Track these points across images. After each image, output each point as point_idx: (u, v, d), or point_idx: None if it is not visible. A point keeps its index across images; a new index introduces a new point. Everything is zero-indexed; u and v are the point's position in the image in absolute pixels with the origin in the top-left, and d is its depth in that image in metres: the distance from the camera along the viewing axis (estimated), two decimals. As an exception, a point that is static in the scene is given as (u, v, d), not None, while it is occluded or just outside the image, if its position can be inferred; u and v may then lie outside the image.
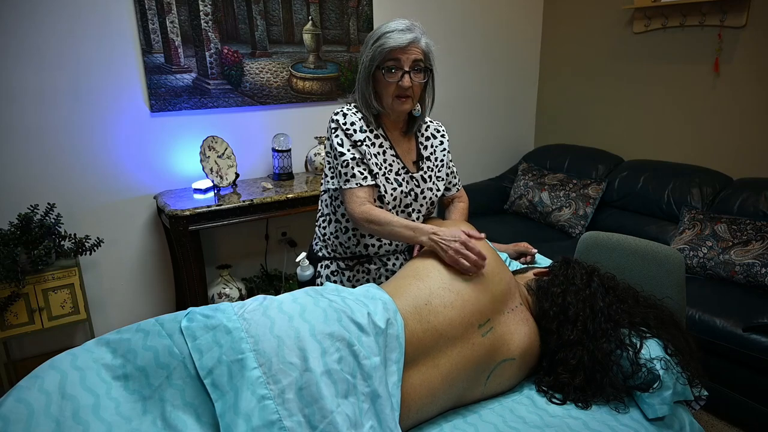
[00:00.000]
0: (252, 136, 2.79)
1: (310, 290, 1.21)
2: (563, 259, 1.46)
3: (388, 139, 1.55)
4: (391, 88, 1.45)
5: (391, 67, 1.43)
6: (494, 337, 1.25)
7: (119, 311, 2.63)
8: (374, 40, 1.44)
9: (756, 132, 2.66)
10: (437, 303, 1.22)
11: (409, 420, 1.14)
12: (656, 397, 1.20)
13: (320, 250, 1.66)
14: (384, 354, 1.10)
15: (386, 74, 1.43)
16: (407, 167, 1.57)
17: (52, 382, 0.95)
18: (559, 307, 1.31)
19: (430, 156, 1.63)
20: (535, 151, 3.59)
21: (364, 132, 1.50)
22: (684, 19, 2.83)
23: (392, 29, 1.42)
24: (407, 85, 1.44)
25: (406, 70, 1.43)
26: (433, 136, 1.66)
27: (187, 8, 2.46)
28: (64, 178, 2.36)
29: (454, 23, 3.32)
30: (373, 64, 1.44)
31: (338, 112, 1.52)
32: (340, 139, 1.49)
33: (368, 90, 1.47)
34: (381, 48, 1.41)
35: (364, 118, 1.51)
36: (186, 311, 1.09)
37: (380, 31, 1.44)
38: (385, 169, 1.52)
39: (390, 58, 1.42)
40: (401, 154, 1.57)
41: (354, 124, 1.49)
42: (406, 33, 1.41)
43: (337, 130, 1.50)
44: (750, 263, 2.18)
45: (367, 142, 1.49)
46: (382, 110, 1.51)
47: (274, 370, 0.98)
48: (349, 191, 1.47)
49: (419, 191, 1.58)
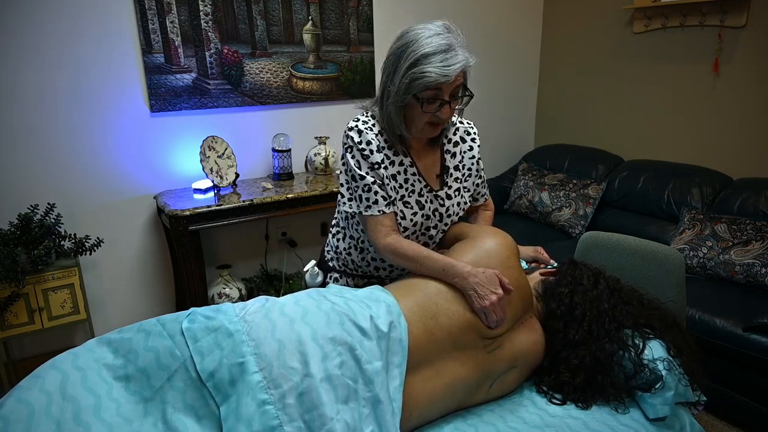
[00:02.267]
0: (252, 136, 2.79)
1: (312, 292, 1.20)
2: (570, 260, 1.46)
3: (409, 155, 1.38)
4: (425, 117, 1.27)
5: (429, 98, 1.23)
6: (500, 352, 1.24)
7: (119, 311, 2.63)
8: (411, 63, 1.20)
9: (756, 132, 2.66)
10: (444, 317, 1.20)
11: (409, 424, 1.14)
12: (658, 397, 1.20)
13: (331, 260, 1.57)
14: (386, 358, 1.09)
15: (424, 105, 1.24)
16: (430, 185, 1.41)
17: (53, 382, 0.95)
18: (567, 307, 1.31)
19: (458, 165, 1.45)
20: (535, 151, 3.59)
21: (382, 151, 1.34)
22: (684, 19, 2.83)
23: (433, 50, 1.19)
24: (446, 116, 1.27)
25: (446, 101, 1.24)
26: (462, 140, 1.46)
27: (187, 8, 2.45)
28: (64, 178, 2.36)
29: (455, 23, 3.31)
30: (409, 93, 1.23)
31: (353, 128, 1.34)
32: (357, 161, 1.33)
33: (398, 119, 1.29)
34: (422, 80, 1.20)
35: (382, 132, 1.35)
36: (188, 311, 1.09)
37: (417, 51, 1.20)
38: (405, 191, 1.38)
39: (431, 89, 1.22)
40: (423, 171, 1.40)
41: (370, 143, 1.32)
42: (451, 57, 1.19)
43: (353, 149, 1.34)
44: (750, 263, 2.18)
45: (385, 162, 1.34)
46: (406, 134, 1.33)
47: (274, 374, 0.98)
48: (372, 219, 1.33)
49: (444, 210, 1.43)
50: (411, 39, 1.23)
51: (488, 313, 1.20)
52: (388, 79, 1.28)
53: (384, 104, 1.30)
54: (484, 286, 1.21)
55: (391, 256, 1.33)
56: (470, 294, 1.22)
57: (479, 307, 1.21)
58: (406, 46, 1.23)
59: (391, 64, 1.27)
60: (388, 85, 1.28)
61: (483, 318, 1.21)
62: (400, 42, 1.25)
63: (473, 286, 1.21)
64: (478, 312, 1.21)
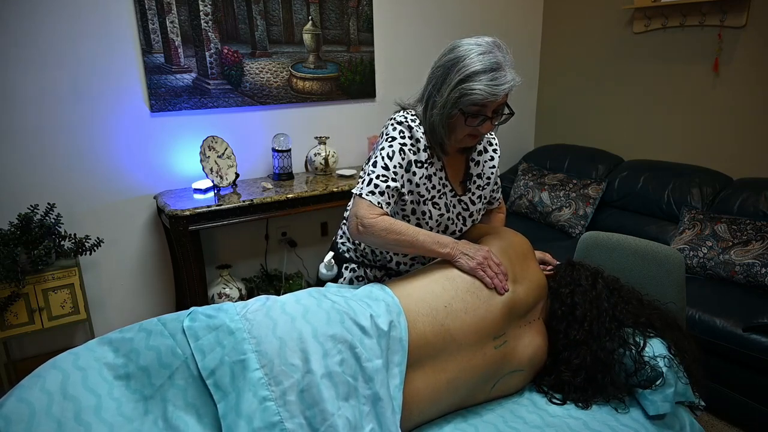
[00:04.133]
0: (252, 136, 2.79)
1: (313, 291, 1.20)
2: (568, 261, 1.47)
3: (441, 160, 1.42)
4: (467, 130, 1.31)
5: (474, 113, 1.27)
6: (507, 350, 1.24)
7: (119, 311, 2.63)
8: (461, 78, 1.23)
9: (756, 132, 2.66)
10: (458, 307, 1.20)
11: (410, 422, 1.14)
12: (659, 394, 1.20)
13: (347, 252, 1.56)
14: (386, 356, 1.10)
15: (468, 120, 1.28)
16: (455, 190, 1.46)
17: (53, 381, 0.96)
18: (568, 308, 1.32)
19: (481, 174, 1.50)
20: (535, 151, 3.59)
21: (426, 150, 1.37)
22: (684, 19, 2.83)
23: (483, 68, 1.22)
24: (486, 131, 1.32)
25: (489, 117, 1.28)
26: (485, 149, 1.51)
27: (187, 8, 2.45)
28: (64, 178, 2.36)
29: (454, 23, 3.31)
30: (456, 107, 1.26)
31: (403, 122, 1.36)
32: (392, 152, 1.34)
33: (442, 128, 1.32)
34: (470, 97, 1.23)
35: (426, 133, 1.37)
36: (188, 311, 1.09)
37: (469, 67, 1.23)
38: (436, 192, 1.41)
39: (477, 104, 1.25)
40: (451, 176, 1.45)
41: (420, 141, 1.35)
42: (500, 77, 1.22)
43: (394, 141, 1.35)
44: (750, 263, 2.18)
45: (427, 162, 1.38)
46: (447, 143, 1.37)
47: (275, 371, 0.98)
48: (366, 202, 1.33)
49: (467, 215, 1.49)
50: (462, 54, 1.25)
51: (485, 269, 1.26)
52: (435, 89, 1.31)
53: (428, 112, 1.34)
54: (469, 249, 1.30)
55: (384, 234, 1.31)
56: (460, 259, 1.29)
57: (473, 267, 1.27)
58: (457, 60, 1.25)
59: (440, 75, 1.29)
60: (435, 95, 1.31)
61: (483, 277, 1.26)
62: (451, 55, 1.27)
63: (461, 251, 1.30)
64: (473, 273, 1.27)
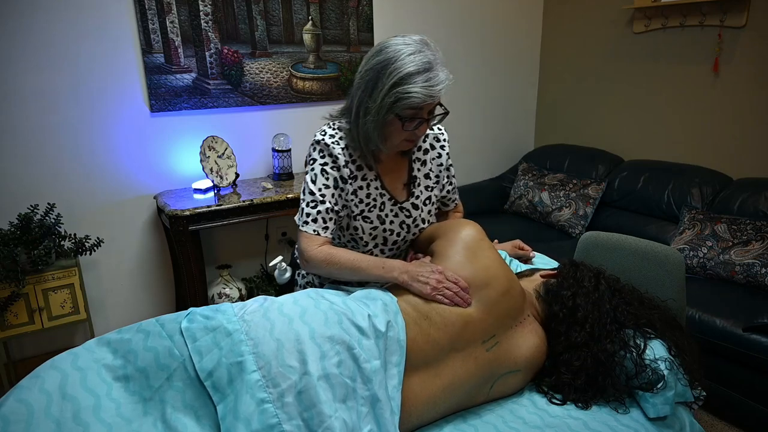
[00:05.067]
0: (252, 136, 2.79)
1: (311, 292, 1.20)
2: (570, 261, 1.46)
3: (373, 169, 1.38)
4: (404, 134, 1.29)
5: (410, 117, 1.25)
6: (499, 351, 1.23)
7: (119, 311, 2.63)
8: (394, 82, 1.20)
9: (756, 132, 2.66)
10: (438, 320, 1.19)
11: (409, 425, 1.14)
12: (659, 397, 1.20)
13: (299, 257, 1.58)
14: (384, 357, 1.09)
15: (405, 123, 1.25)
16: (395, 198, 1.41)
17: (52, 382, 0.95)
18: (569, 310, 1.30)
19: (428, 173, 1.46)
20: (535, 151, 3.58)
21: (347, 166, 1.34)
22: (684, 19, 2.83)
23: (416, 69, 1.19)
24: (422, 134, 1.30)
25: (425, 119, 1.27)
26: (431, 146, 1.47)
27: (187, 8, 2.45)
28: (64, 178, 2.36)
29: (454, 23, 3.31)
30: (392, 112, 1.23)
31: (320, 140, 1.34)
32: (315, 175, 1.34)
33: (376, 134, 1.28)
34: (407, 101, 1.20)
35: (347, 147, 1.35)
36: (187, 312, 1.09)
37: (401, 70, 1.19)
38: (365, 206, 1.38)
39: (413, 107, 1.23)
40: (389, 184, 1.41)
41: (337, 158, 1.33)
42: (434, 77, 1.20)
43: (314, 163, 1.34)
44: (750, 263, 2.18)
45: (348, 175, 1.34)
46: (383, 149, 1.33)
47: (273, 373, 0.98)
48: (306, 234, 1.33)
49: (411, 221, 1.44)
50: (392, 56, 1.21)
51: (442, 292, 1.19)
52: (366, 95, 1.26)
53: (360, 120, 1.28)
54: (420, 273, 1.22)
55: (324, 266, 1.30)
56: (413, 285, 1.22)
57: (428, 293, 1.20)
58: (387, 62, 1.21)
59: (371, 79, 1.24)
60: (367, 102, 1.25)
61: (442, 300, 1.20)
62: (379, 57, 1.23)
63: (412, 276, 1.23)
64: (431, 298, 1.20)
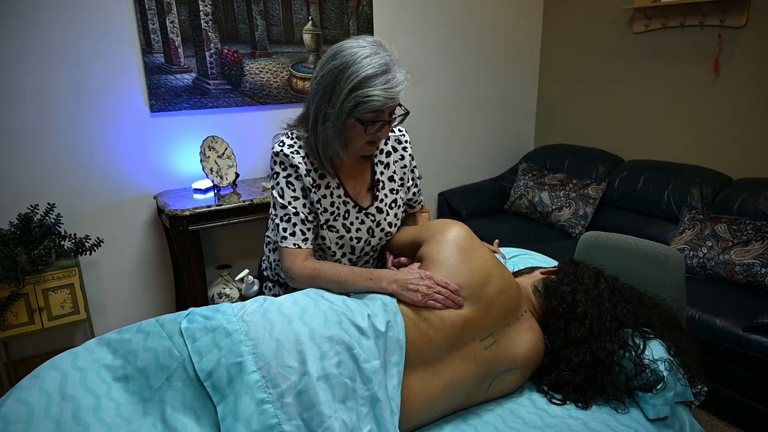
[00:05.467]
0: (252, 136, 2.79)
1: (311, 292, 1.20)
2: (571, 260, 1.47)
3: (336, 176, 1.36)
4: (365, 138, 1.26)
5: (371, 120, 1.23)
6: (498, 350, 1.23)
7: (119, 311, 2.63)
8: (353, 86, 1.18)
9: (756, 132, 2.66)
10: (435, 321, 1.19)
11: (409, 425, 1.14)
12: (659, 397, 1.20)
13: (266, 270, 1.57)
14: (384, 357, 1.09)
15: (367, 127, 1.24)
16: (359, 204, 1.39)
17: (52, 382, 0.95)
18: (569, 305, 1.31)
19: (392, 176, 1.44)
20: (535, 151, 3.59)
21: (309, 174, 1.32)
22: (684, 19, 2.83)
23: (374, 72, 1.18)
24: (384, 136, 1.29)
25: (386, 121, 1.25)
26: (393, 149, 1.45)
27: (187, 8, 2.45)
28: (64, 178, 2.36)
29: (454, 23, 3.31)
30: (352, 116, 1.21)
31: (279, 152, 1.31)
32: (281, 189, 1.32)
33: (338, 139, 1.26)
34: (368, 104, 1.19)
35: (308, 155, 1.33)
36: (186, 312, 1.09)
37: (359, 73, 1.18)
38: (330, 215, 1.36)
39: (374, 111, 1.22)
40: (351, 190, 1.39)
41: (298, 168, 1.31)
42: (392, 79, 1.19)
43: (278, 177, 1.32)
44: (750, 263, 2.18)
45: (310, 184, 1.33)
46: (343, 156, 1.31)
47: (272, 373, 0.98)
48: (287, 249, 1.32)
49: (375, 226, 1.42)
50: (348, 60, 1.19)
51: (433, 297, 1.18)
52: (324, 101, 1.23)
53: (319, 127, 1.26)
54: (409, 281, 1.20)
55: (310, 281, 1.29)
56: (404, 294, 1.20)
57: (419, 300, 1.18)
58: (344, 66, 1.19)
59: (327, 85, 1.22)
60: (325, 108, 1.23)
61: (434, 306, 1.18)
62: (335, 62, 1.21)
63: (402, 285, 1.20)
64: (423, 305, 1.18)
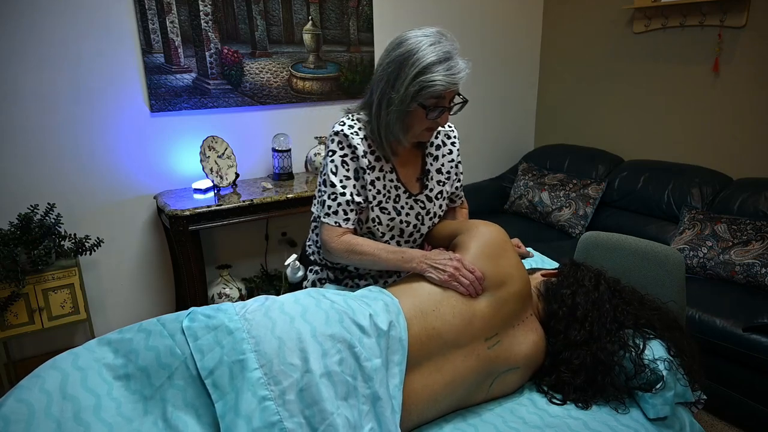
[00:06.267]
0: (252, 136, 2.79)
1: (312, 291, 1.20)
2: (571, 261, 1.47)
3: (390, 161, 1.41)
4: (426, 123, 1.31)
5: (433, 106, 1.28)
6: (500, 349, 1.24)
7: (119, 311, 2.63)
8: (417, 71, 1.23)
9: (756, 132, 2.66)
10: (446, 311, 1.20)
11: (410, 423, 1.14)
12: (659, 397, 1.20)
13: (312, 254, 1.58)
14: (386, 356, 1.10)
15: (428, 112, 1.28)
16: (409, 190, 1.44)
17: (53, 382, 0.95)
18: (569, 308, 1.31)
19: (440, 168, 1.49)
20: (535, 151, 3.59)
21: (366, 156, 1.36)
22: (684, 19, 2.83)
23: (437, 59, 1.23)
24: (444, 122, 1.33)
25: (447, 107, 1.30)
26: (443, 143, 1.51)
27: (187, 8, 2.45)
28: (64, 178, 2.36)
29: (455, 23, 3.31)
30: (416, 101, 1.26)
31: (339, 131, 1.35)
32: (335, 167, 1.36)
33: (400, 124, 1.31)
34: (431, 89, 1.23)
35: (366, 138, 1.37)
36: (188, 311, 1.09)
37: (423, 60, 1.23)
38: (382, 196, 1.40)
39: (436, 96, 1.26)
40: (403, 176, 1.44)
41: (356, 149, 1.35)
42: (454, 66, 1.24)
43: (334, 155, 1.36)
44: (750, 263, 2.18)
45: (366, 165, 1.36)
46: (404, 141, 1.36)
47: (275, 371, 0.98)
48: (327, 225, 1.38)
49: (425, 213, 1.47)
50: (413, 47, 1.25)
51: (458, 279, 1.22)
52: (388, 86, 1.28)
53: (382, 112, 1.31)
54: (438, 260, 1.26)
55: (346, 255, 1.36)
56: (430, 273, 1.25)
57: (445, 279, 1.23)
58: (409, 53, 1.24)
59: (393, 71, 1.27)
60: (389, 93, 1.28)
61: (457, 288, 1.23)
62: (401, 50, 1.26)
63: (430, 264, 1.26)
64: (447, 285, 1.23)
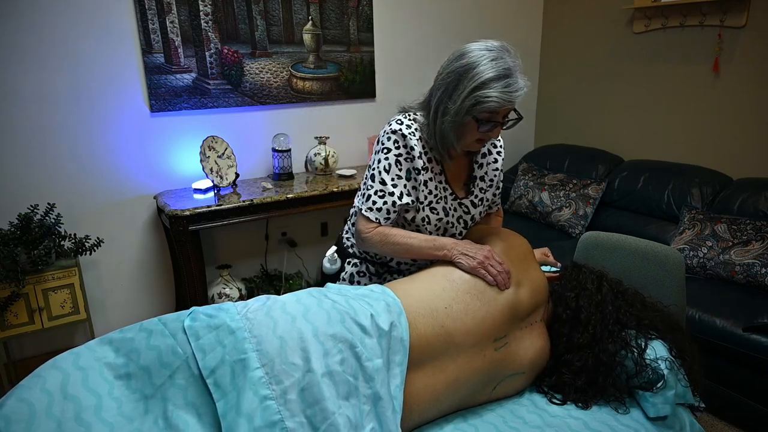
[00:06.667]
0: (252, 136, 2.79)
1: (313, 291, 1.20)
2: (573, 263, 1.47)
3: (440, 163, 1.43)
4: (477, 135, 1.32)
5: (486, 119, 1.28)
6: (507, 352, 1.24)
7: (119, 311, 2.63)
8: (475, 86, 1.23)
9: (756, 132, 2.66)
10: (459, 308, 1.20)
11: (411, 423, 1.14)
12: (659, 396, 1.20)
13: (351, 247, 1.58)
14: (387, 356, 1.10)
15: (480, 125, 1.29)
16: (455, 193, 1.47)
17: (54, 381, 0.95)
18: (573, 312, 1.32)
19: (484, 176, 1.52)
20: (535, 151, 3.59)
21: (421, 157, 1.38)
22: (684, 19, 2.83)
23: (496, 75, 1.22)
24: (495, 136, 1.35)
25: (499, 122, 1.30)
26: (489, 152, 1.54)
27: (187, 8, 2.45)
28: (64, 178, 2.36)
29: (454, 23, 3.31)
30: (470, 114, 1.27)
31: (397, 131, 1.36)
32: (389, 164, 1.37)
33: (453, 133, 1.32)
34: (486, 104, 1.24)
35: (421, 139, 1.39)
36: (189, 311, 1.09)
37: (482, 75, 1.23)
38: (433, 197, 1.42)
39: (490, 111, 1.27)
40: (451, 179, 1.46)
41: (413, 149, 1.36)
42: (513, 83, 1.23)
43: (388, 153, 1.37)
44: (750, 263, 2.18)
45: (421, 166, 1.38)
46: (457, 148, 1.37)
47: (276, 370, 0.98)
48: (365, 218, 1.39)
49: (468, 218, 1.50)
50: (474, 60, 1.25)
51: (486, 268, 1.25)
52: (446, 96, 1.30)
53: (438, 119, 1.33)
54: (469, 248, 1.29)
55: (378, 244, 1.38)
56: (460, 260, 1.28)
57: (474, 266, 1.26)
58: (469, 67, 1.25)
59: (451, 82, 1.28)
60: (446, 102, 1.30)
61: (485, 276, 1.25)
62: (462, 61, 1.27)
63: (461, 251, 1.29)
64: (475, 272, 1.26)
